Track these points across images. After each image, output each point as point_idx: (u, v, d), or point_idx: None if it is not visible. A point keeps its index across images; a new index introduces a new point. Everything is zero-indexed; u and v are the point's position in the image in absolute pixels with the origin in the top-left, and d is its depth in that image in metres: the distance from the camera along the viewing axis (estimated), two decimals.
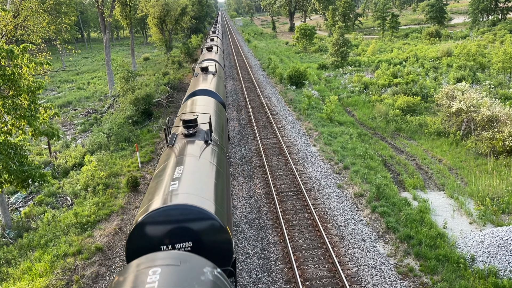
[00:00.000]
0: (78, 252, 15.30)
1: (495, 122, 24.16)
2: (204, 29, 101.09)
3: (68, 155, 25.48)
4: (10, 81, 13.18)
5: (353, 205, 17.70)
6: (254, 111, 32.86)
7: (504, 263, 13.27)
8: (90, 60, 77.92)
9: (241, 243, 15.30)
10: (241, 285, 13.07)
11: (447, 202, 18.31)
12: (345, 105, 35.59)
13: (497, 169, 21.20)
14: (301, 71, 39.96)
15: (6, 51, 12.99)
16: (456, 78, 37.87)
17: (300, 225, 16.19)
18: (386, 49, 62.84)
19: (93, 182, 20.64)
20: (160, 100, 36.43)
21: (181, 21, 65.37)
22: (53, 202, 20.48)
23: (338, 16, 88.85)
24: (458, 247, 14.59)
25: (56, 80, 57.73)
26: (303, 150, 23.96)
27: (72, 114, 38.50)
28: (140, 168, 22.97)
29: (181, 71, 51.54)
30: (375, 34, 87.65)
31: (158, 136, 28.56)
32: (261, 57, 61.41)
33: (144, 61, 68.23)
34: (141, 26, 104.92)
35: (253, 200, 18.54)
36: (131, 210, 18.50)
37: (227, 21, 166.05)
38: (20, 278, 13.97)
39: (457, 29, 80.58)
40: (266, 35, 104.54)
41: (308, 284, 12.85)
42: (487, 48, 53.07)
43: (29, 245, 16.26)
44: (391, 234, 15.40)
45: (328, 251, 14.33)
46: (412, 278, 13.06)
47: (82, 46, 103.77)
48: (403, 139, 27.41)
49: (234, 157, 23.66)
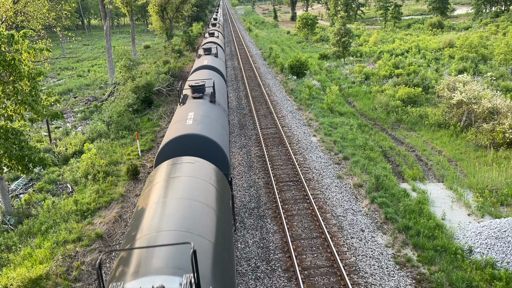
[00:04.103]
0: (78, 239, 15.40)
1: (496, 114, 24.13)
2: (205, 17, 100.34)
3: (68, 142, 25.50)
4: (11, 67, 13.13)
5: (352, 195, 17.76)
6: (254, 100, 32.79)
7: (501, 254, 13.35)
8: (91, 48, 77.55)
9: (240, 232, 15.39)
10: (240, 273, 13.18)
11: (446, 194, 18.37)
12: (346, 96, 35.51)
13: (496, 161, 21.24)
14: (302, 61, 39.78)
15: (6, 37, 12.92)
16: (458, 70, 37.71)
17: (299, 214, 16.26)
18: (388, 40, 62.48)
19: (93, 170, 20.68)
20: (160, 89, 36.33)
21: (182, 9, 64.85)
22: (54, 189, 20.55)
23: (340, 5, 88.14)
24: (456, 238, 14.68)
25: (56, 67, 57.53)
26: (303, 140, 23.97)
27: (72, 101, 38.44)
28: (140, 157, 23.00)
29: (181, 60, 51.29)
30: (377, 24, 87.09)
31: (159, 125, 28.53)
32: (262, 46, 61.07)
33: (145, 49, 67.91)
34: (141, 14, 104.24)
35: (253, 189, 18.59)
36: (131, 198, 18.57)
37: (229, 9, 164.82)
38: (20, 264, 14.08)
39: (460, 20, 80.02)
40: (267, 24, 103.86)
41: (307, 273, 12.95)
42: (490, 39, 52.75)
43: (29, 231, 16.35)
44: (390, 225, 15.48)
45: (326, 240, 14.41)
46: (409, 268, 13.15)
47: (83, 33, 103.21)
48: (404, 130, 27.40)
49: (234, 146, 23.68)
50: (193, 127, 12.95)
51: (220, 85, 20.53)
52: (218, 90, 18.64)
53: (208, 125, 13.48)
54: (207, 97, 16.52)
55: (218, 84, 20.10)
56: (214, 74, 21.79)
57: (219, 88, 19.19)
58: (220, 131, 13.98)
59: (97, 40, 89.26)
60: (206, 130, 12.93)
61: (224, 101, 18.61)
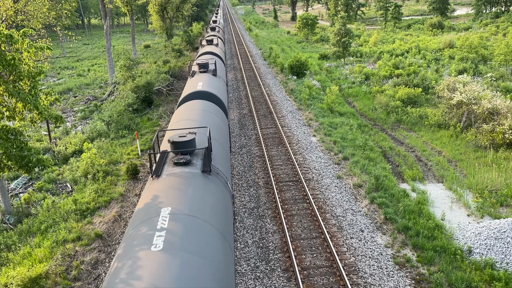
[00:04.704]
0: (77, 238, 15.40)
1: (496, 115, 24.14)
2: (206, 17, 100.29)
3: (68, 142, 25.49)
4: (11, 66, 13.11)
5: (352, 195, 17.76)
6: (254, 100, 32.79)
7: (500, 255, 13.36)
8: (91, 47, 77.52)
9: (239, 232, 15.39)
10: (239, 273, 13.18)
11: (446, 194, 18.37)
12: (346, 96, 35.51)
13: (496, 161, 21.24)
14: (302, 61, 39.79)
15: (6, 36, 12.90)
16: (458, 70, 37.71)
17: (298, 214, 16.26)
18: (388, 40, 62.48)
19: (93, 169, 20.68)
20: (160, 88, 36.32)
21: (182, 9, 64.80)
22: (53, 189, 20.55)
23: (340, 5, 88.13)
24: (456, 238, 14.68)
25: (56, 66, 57.51)
26: (303, 140, 23.97)
27: (72, 101, 38.42)
28: (140, 156, 23.00)
29: (181, 59, 51.28)
30: (377, 25, 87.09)
31: (158, 124, 28.54)
32: (262, 46, 61.06)
33: (145, 49, 67.88)
34: (142, 13, 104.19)
35: (252, 189, 18.60)
36: (131, 197, 18.57)
37: (229, 9, 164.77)
38: (20, 263, 14.08)
39: (460, 20, 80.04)
40: (267, 24, 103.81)
41: (306, 273, 12.95)
42: (490, 40, 52.77)
43: (29, 230, 16.35)
44: (389, 225, 15.49)
45: (326, 241, 14.42)
46: (409, 268, 13.16)
47: (83, 32, 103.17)
48: (403, 130, 27.41)
49: (234, 146, 23.68)
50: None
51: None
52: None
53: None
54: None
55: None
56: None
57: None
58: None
59: (97, 40, 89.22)
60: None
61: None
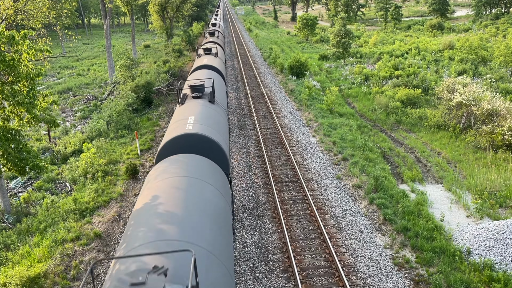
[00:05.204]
0: (76, 238, 15.39)
1: (495, 116, 24.15)
2: (206, 17, 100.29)
3: (67, 141, 25.48)
4: (10, 67, 13.11)
5: (351, 196, 17.77)
6: (254, 100, 32.79)
7: (499, 256, 13.37)
8: (91, 47, 77.49)
9: (239, 232, 15.39)
10: (238, 273, 13.18)
11: (445, 195, 18.38)
12: (346, 97, 35.52)
13: (495, 163, 21.26)
14: (302, 62, 39.80)
15: (7, 37, 12.90)
16: (458, 71, 37.75)
17: (298, 215, 16.26)
18: (388, 41, 62.49)
19: (92, 169, 20.67)
20: (160, 88, 36.31)
21: (182, 9, 64.77)
22: (52, 188, 20.54)
23: (340, 6, 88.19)
24: (455, 239, 14.69)
25: (56, 66, 57.48)
26: (303, 140, 23.97)
27: (72, 100, 38.40)
28: (140, 156, 22.99)
29: (181, 59, 51.28)
30: (377, 26, 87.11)
31: (158, 124, 28.53)
32: (262, 46, 61.06)
33: (145, 48, 67.86)
34: (142, 13, 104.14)
35: (252, 189, 18.60)
36: (130, 197, 18.56)
37: (229, 9, 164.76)
38: (19, 262, 14.07)
39: (460, 21, 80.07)
40: (267, 25, 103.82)
41: (305, 273, 12.95)
42: (489, 41, 52.81)
43: (28, 230, 16.34)
44: (388, 226, 15.49)
45: (325, 241, 14.42)
46: (408, 269, 13.16)
47: (83, 32, 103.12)
48: (403, 131, 27.42)
49: (233, 146, 23.67)
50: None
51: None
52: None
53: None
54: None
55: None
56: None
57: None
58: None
59: (97, 39, 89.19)
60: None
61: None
